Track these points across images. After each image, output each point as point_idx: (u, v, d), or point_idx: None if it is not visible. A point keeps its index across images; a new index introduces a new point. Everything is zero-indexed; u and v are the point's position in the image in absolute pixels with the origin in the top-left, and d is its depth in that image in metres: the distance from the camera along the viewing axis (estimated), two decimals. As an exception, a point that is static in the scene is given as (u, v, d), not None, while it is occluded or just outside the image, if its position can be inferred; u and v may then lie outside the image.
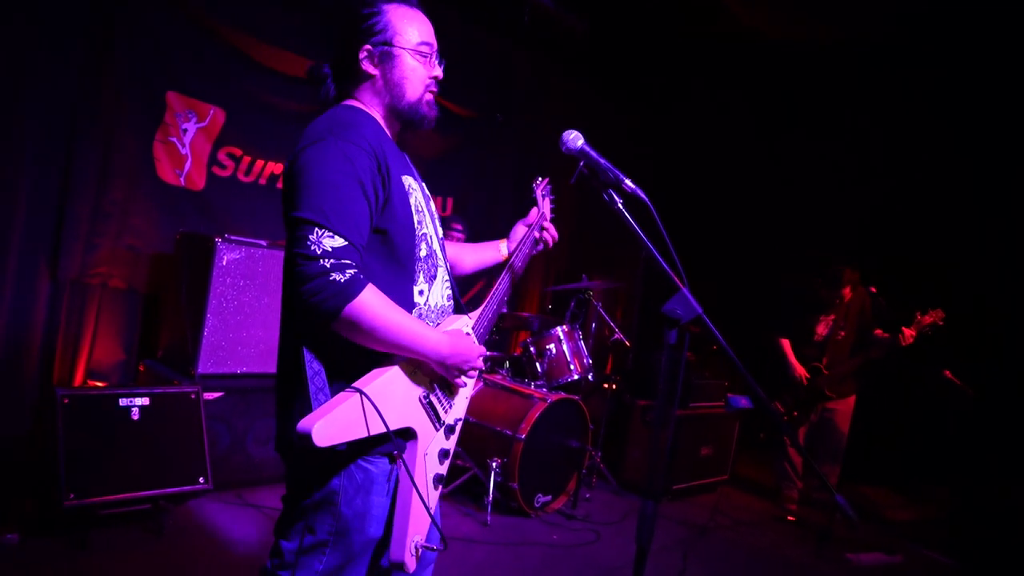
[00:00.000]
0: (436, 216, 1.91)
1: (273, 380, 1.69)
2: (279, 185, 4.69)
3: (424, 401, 1.72)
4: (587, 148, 1.85)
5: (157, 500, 3.23)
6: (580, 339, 4.66)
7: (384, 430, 1.55)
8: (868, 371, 4.89)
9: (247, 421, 3.89)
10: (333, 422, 1.48)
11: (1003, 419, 5.59)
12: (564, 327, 4.59)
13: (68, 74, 3.76)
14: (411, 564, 1.67)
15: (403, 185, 1.70)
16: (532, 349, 4.58)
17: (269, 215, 4.61)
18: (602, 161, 1.85)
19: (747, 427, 5.76)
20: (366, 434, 1.53)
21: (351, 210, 1.54)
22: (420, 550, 1.71)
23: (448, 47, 1.91)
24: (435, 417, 1.76)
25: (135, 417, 3.23)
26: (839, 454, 5.04)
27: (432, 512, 1.74)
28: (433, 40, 1.82)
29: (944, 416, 5.79)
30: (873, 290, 4.95)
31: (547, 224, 2.29)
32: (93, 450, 3.06)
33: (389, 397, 1.62)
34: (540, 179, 2.36)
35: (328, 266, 1.48)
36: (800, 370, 4.96)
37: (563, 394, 4.38)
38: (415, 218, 1.71)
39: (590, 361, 4.65)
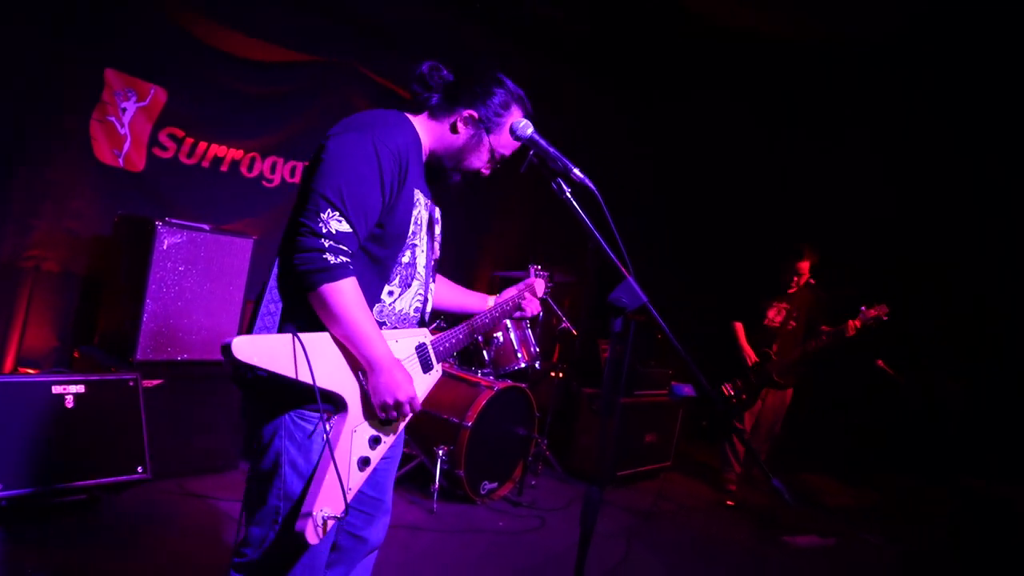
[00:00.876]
0: (437, 240, 2.03)
1: (216, 367, 1.76)
2: (223, 168, 4.58)
3: (363, 380, 1.76)
4: (536, 136, 1.87)
5: (92, 490, 3.14)
6: (527, 328, 4.68)
7: (310, 381, 1.63)
8: (814, 362, 5.03)
9: (189, 410, 3.80)
10: (256, 343, 1.60)
11: (936, 405, 5.83)
12: (512, 316, 4.60)
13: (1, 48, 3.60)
14: (311, 534, 1.68)
15: (412, 195, 1.84)
16: (479, 337, 4.58)
17: (212, 199, 4.51)
18: (551, 150, 1.86)
19: (690, 414, 5.89)
20: (292, 375, 1.62)
21: (366, 202, 1.70)
22: (329, 523, 1.71)
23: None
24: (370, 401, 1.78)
25: (69, 405, 3.12)
26: (771, 438, 5.21)
27: (348, 491, 1.75)
28: (510, 152, 1.99)
29: (881, 404, 6.01)
30: (813, 282, 5.10)
31: (529, 297, 2.31)
32: (24, 440, 2.95)
33: (325, 355, 1.70)
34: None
35: (326, 245, 1.65)
36: (751, 353, 5.10)
37: (510, 382, 4.40)
38: (411, 228, 1.84)
39: (537, 349, 4.68)
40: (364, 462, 1.80)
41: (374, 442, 1.82)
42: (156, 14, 4.12)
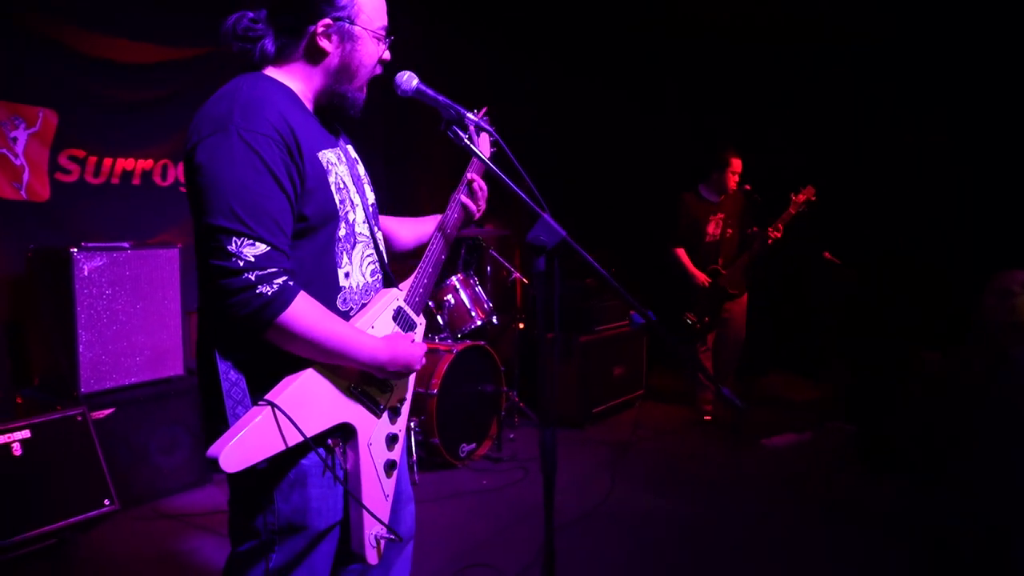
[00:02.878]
0: (364, 180, 1.78)
1: (166, 384, 1.56)
2: (135, 181, 4.40)
3: (356, 391, 1.63)
4: (423, 87, 1.76)
5: (62, 532, 3.06)
6: (477, 285, 4.64)
7: (302, 439, 1.46)
8: (758, 266, 5.09)
9: (147, 432, 3.71)
10: (243, 445, 1.38)
11: (886, 288, 5.95)
12: (459, 275, 4.56)
13: None
14: (372, 556, 1.63)
15: (320, 164, 1.56)
16: (430, 303, 4.54)
17: (129, 214, 4.33)
18: (440, 98, 1.78)
19: (655, 341, 5.94)
20: (283, 447, 1.44)
21: (270, 209, 1.43)
22: (382, 541, 1.66)
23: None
24: (373, 404, 1.67)
25: (17, 452, 3.02)
26: (738, 350, 5.28)
27: (387, 498, 1.70)
28: (387, 20, 1.70)
29: (832, 296, 6.12)
30: (747, 187, 5.12)
31: (475, 186, 2.01)
32: (-23, 496, 2.86)
33: (311, 399, 1.52)
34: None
35: (253, 279, 1.39)
36: (700, 276, 5.10)
37: (468, 342, 4.38)
38: (336, 198, 1.59)
39: (491, 305, 4.65)
40: (390, 466, 1.72)
41: (391, 441, 1.73)
42: (26, 33, 3.88)
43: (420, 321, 1.84)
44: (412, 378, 1.82)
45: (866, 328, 6.10)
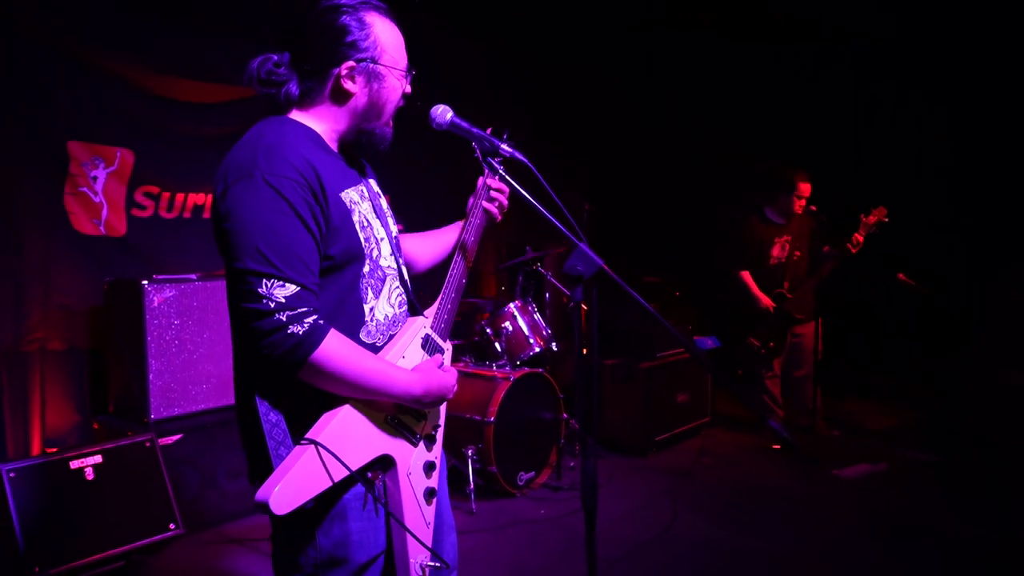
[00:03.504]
0: (387, 214, 1.80)
1: (232, 411, 1.59)
2: (206, 215, 4.60)
3: (393, 422, 1.64)
4: (457, 120, 1.78)
5: (129, 555, 3.16)
6: (535, 312, 4.63)
7: (348, 473, 1.48)
8: (826, 288, 4.92)
9: (214, 457, 3.83)
10: (291, 486, 1.40)
11: (965, 310, 5.66)
12: (516, 302, 4.56)
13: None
14: None
15: (344, 204, 1.59)
16: (488, 330, 4.55)
17: (199, 247, 4.51)
18: (475, 131, 1.80)
19: (721, 366, 5.78)
20: (330, 483, 1.46)
21: (298, 251, 1.46)
22: (427, 570, 1.66)
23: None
24: (410, 433, 1.68)
25: (90, 477, 3.15)
26: (809, 377, 5.09)
27: (428, 526, 1.70)
28: (406, 55, 1.72)
29: (907, 319, 5.86)
30: (813, 208, 4.97)
31: (494, 193, 2.04)
32: (51, 519, 2.99)
33: (351, 434, 1.54)
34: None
35: (284, 319, 1.42)
36: (765, 300, 4.96)
37: (526, 369, 4.36)
38: (360, 236, 1.61)
39: (550, 331, 4.63)
40: (430, 494, 1.73)
41: (429, 469, 1.74)
42: (109, 78, 4.12)
43: (447, 347, 1.85)
44: (444, 405, 1.82)
45: (943, 350, 5.82)
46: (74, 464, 3.14)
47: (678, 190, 7.14)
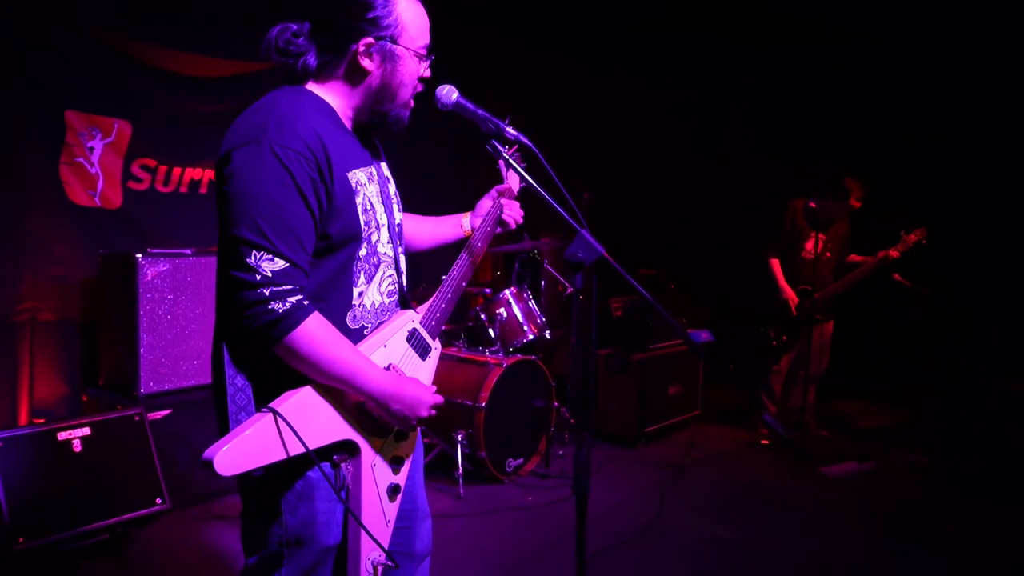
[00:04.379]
0: (394, 201, 1.77)
1: None
2: (202, 190, 4.56)
3: (363, 407, 1.60)
4: (463, 101, 1.76)
5: (115, 528, 3.16)
6: (530, 299, 4.61)
7: (303, 450, 1.44)
8: (853, 293, 4.92)
9: (204, 434, 3.80)
10: (239, 449, 1.37)
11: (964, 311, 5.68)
12: (512, 289, 4.55)
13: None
14: None
15: (349, 184, 1.56)
16: (483, 316, 4.54)
17: (195, 222, 4.48)
18: (480, 112, 1.77)
19: (715, 359, 5.81)
20: (284, 456, 1.43)
21: (294, 226, 1.44)
22: (379, 569, 1.62)
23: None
24: (378, 424, 1.63)
25: (77, 449, 3.14)
26: (820, 376, 5.10)
27: (388, 524, 1.66)
28: (429, 38, 1.69)
29: (904, 320, 5.87)
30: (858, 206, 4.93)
31: (508, 202, 2.06)
32: (38, 490, 2.97)
33: (315, 411, 1.51)
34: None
35: (268, 294, 1.41)
36: (790, 292, 4.94)
37: (519, 356, 4.35)
38: (361, 219, 1.59)
39: (544, 320, 4.62)
40: (394, 490, 1.68)
41: (396, 464, 1.69)
42: (103, 47, 4.07)
43: (435, 346, 1.81)
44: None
45: (940, 352, 5.84)
46: (62, 435, 3.13)
47: (677, 184, 7.13)
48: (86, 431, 3.19)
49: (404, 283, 1.78)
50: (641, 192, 7.23)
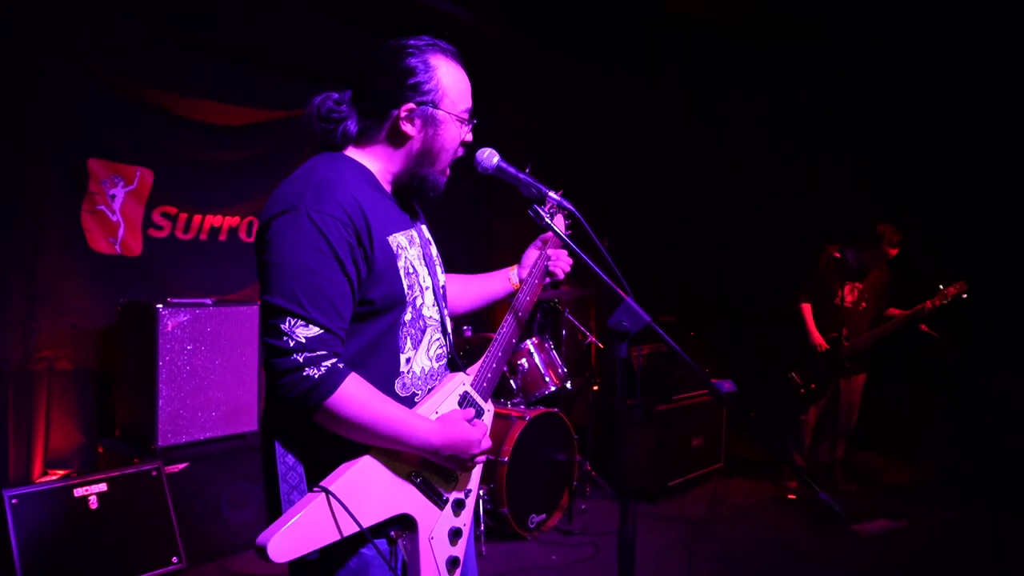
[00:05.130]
0: (436, 262, 1.74)
1: (240, 440, 1.54)
2: (222, 237, 4.55)
3: (416, 479, 1.56)
4: (504, 165, 1.73)
5: (130, 588, 3.07)
6: (552, 349, 4.54)
7: (357, 530, 1.40)
8: (886, 345, 4.82)
9: (219, 487, 3.72)
10: (293, 534, 1.34)
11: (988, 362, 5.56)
12: (533, 339, 4.48)
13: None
14: None
15: (390, 248, 1.54)
16: (504, 367, 4.45)
17: (214, 270, 4.47)
18: (521, 176, 1.74)
19: (736, 409, 5.70)
20: (338, 537, 1.39)
21: (329, 293, 1.42)
22: None
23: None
24: (434, 495, 1.59)
25: (94, 506, 3.07)
26: (850, 429, 4.98)
27: None
28: (471, 102, 1.68)
29: (928, 372, 5.75)
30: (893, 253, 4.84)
31: (555, 252, 1.98)
32: (53, 548, 2.91)
33: (368, 487, 1.46)
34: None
35: (301, 360, 1.38)
36: (819, 338, 4.83)
37: (542, 408, 4.26)
38: (404, 283, 1.56)
39: (565, 370, 4.54)
40: (453, 563, 1.62)
41: (455, 536, 1.63)
42: (126, 96, 4.09)
43: (488, 407, 1.76)
44: (479, 468, 1.73)
45: (966, 402, 5.71)
46: (78, 492, 3.06)
47: (697, 229, 7.07)
48: (103, 487, 3.12)
49: (452, 345, 1.74)
50: (660, 236, 7.17)
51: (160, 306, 3.56)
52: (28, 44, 3.68)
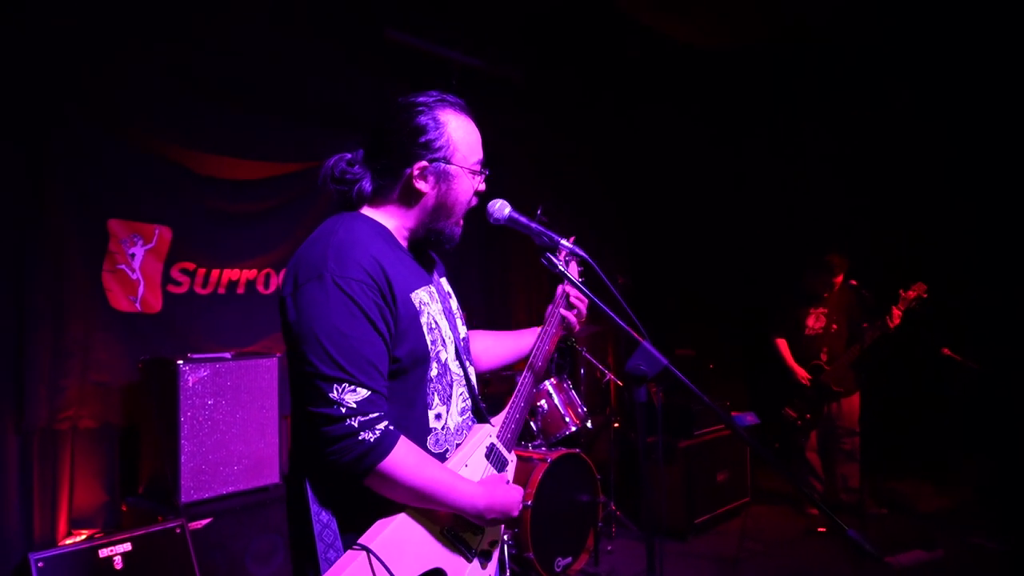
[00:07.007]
0: (457, 315, 1.76)
1: (263, 493, 1.57)
2: (240, 291, 4.59)
3: (449, 535, 1.58)
4: (515, 215, 1.75)
5: (155, 649, 3.05)
6: (571, 388, 4.52)
7: None
8: (867, 363, 4.81)
9: (243, 541, 3.72)
10: None
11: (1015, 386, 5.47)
12: (552, 380, 4.46)
13: (10, 215, 3.66)
14: None
15: (413, 305, 1.56)
16: (538, 406, 4.44)
17: (233, 322, 4.51)
18: (533, 226, 1.76)
19: (761, 443, 5.62)
20: None
21: (367, 354, 1.45)
22: None
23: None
24: (465, 548, 1.62)
25: (118, 567, 3.06)
26: (855, 452, 4.92)
27: None
28: (482, 153, 1.70)
29: (954, 395, 5.66)
30: (854, 283, 4.90)
31: (573, 300, 2.01)
32: (79, 611, 2.89)
33: (404, 544, 1.49)
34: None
35: (356, 425, 1.40)
36: (800, 371, 4.91)
37: (563, 450, 4.23)
38: (428, 339, 1.58)
39: (585, 409, 4.51)
40: None
41: None
42: (150, 158, 4.18)
43: (511, 459, 1.78)
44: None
45: (997, 426, 5.60)
46: (103, 552, 3.06)
47: (711, 263, 7.07)
48: (127, 547, 3.12)
49: (477, 396, 1.76)
50: (675, 271, 7.18)
51: (181, 362, 3.59)
52: (47, 93, 3.75)
